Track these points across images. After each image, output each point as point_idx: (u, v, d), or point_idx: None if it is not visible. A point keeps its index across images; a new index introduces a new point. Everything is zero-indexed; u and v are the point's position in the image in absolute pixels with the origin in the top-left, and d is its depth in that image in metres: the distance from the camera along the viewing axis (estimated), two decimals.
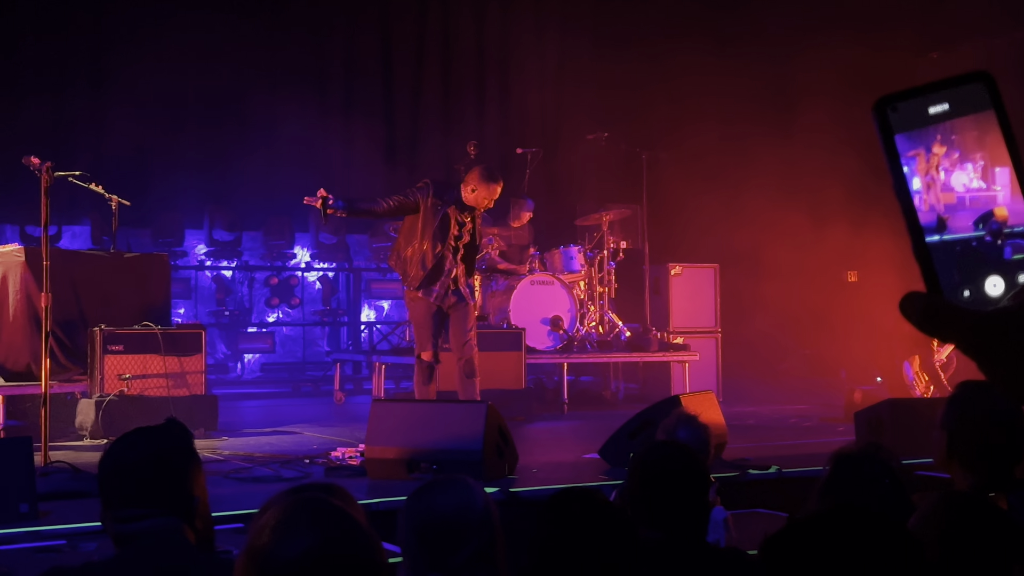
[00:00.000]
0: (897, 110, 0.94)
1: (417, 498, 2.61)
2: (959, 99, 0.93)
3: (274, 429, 8.84)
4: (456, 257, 7.72)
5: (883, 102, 0.94)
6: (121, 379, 8.12)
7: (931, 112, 0.93)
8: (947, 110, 0.93)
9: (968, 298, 0.90)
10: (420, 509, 2.56)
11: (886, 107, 0.94)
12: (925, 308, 0.89)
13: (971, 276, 0.90)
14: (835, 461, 3.06)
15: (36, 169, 6.65)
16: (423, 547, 2.51)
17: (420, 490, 2.65)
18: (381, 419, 6.29)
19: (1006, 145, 0.92)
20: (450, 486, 2.62)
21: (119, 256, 9.08)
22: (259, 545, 1.61)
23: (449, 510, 2.53)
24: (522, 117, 14.18)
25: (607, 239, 11.35)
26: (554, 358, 10.55)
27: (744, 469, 6.30)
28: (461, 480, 2.65)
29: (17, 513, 4.92)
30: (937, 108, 0.93)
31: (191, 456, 2.58)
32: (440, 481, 2.67)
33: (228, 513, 4.92)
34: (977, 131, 0.93)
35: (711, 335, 11.58)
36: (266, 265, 13.47)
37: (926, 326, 0.89)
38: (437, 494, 2.58)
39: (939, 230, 0.92)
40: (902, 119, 0.94)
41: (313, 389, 12.78)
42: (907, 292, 0.91)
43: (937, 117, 0.93)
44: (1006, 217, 0.91)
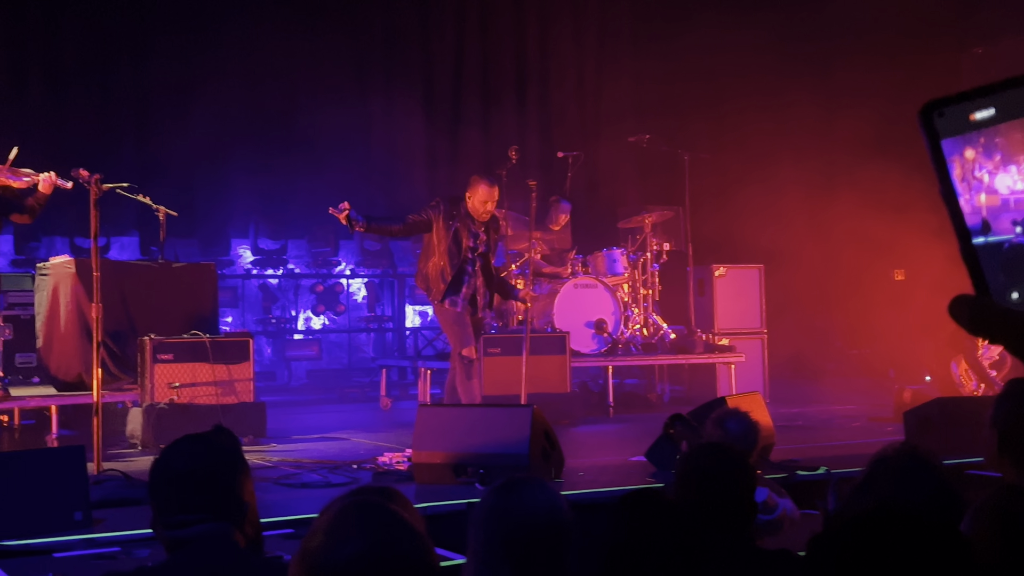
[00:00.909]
0: (944, 115, 0.94)
1: (502, 500, 2.48)
2: (1006, 103, 0.92)
3: (322, 435, 8.90)
4: (475, 268, 8.10)
5: (929, 107, 0.94)
6: (171, 387, 8.21)
7: (977, 117, 0.93)
8: (993, 115, 0.93)
9: (1017, 300, 0.90)
10: (507, 513, 2.45)
11: (932, 112, 0.94)
12: (974, 310, 0.90)
13: (1018, 277, 0.90)
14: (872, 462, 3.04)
15: (85, 182, 6.74)
16: (509, 554, 2.41)
17: (500, 490, 2.53)
18: (427, 424, 6.32)
19: None
20: (534, 487, 2.52)
21: (167, 266, 9.19)
22: (311, 548, 1.64)
23: (540, 514, 2.43)
24: (563, 121, 14.19)
25: (650, 241, 11.33)
26: (599, 361, 10.55)
27: (792, 470, 6.26)
28: (538, 480, 2.58)
29: (72, 521, 4.99)
30: (984, 113, 0.93)
31: (239, 462, 2.61)
32: (519, 481, 2.56)
33: (277, 519, 4.98)
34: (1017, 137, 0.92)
35: (757, 336, 11.51)
36: (311, 273, 13.57)
37: (975, 328, 0.90)
38: (524, 496, 2.47)
39: (984, 232, 0.92)
40: (948, 124, 0.94)
41: (359, 395, 12.85)
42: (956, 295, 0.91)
43: (984, 122, 0.93)
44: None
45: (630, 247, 11.40)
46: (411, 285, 14.05)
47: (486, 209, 8.05)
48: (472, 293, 8.17)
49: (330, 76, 13.37)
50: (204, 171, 12.71)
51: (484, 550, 2.46)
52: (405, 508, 2.03)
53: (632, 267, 11.10)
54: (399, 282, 14.08)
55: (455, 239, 8.03)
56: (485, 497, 2.55)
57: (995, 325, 0.89)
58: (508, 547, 2.41)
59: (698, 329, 11.34)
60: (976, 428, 3.81)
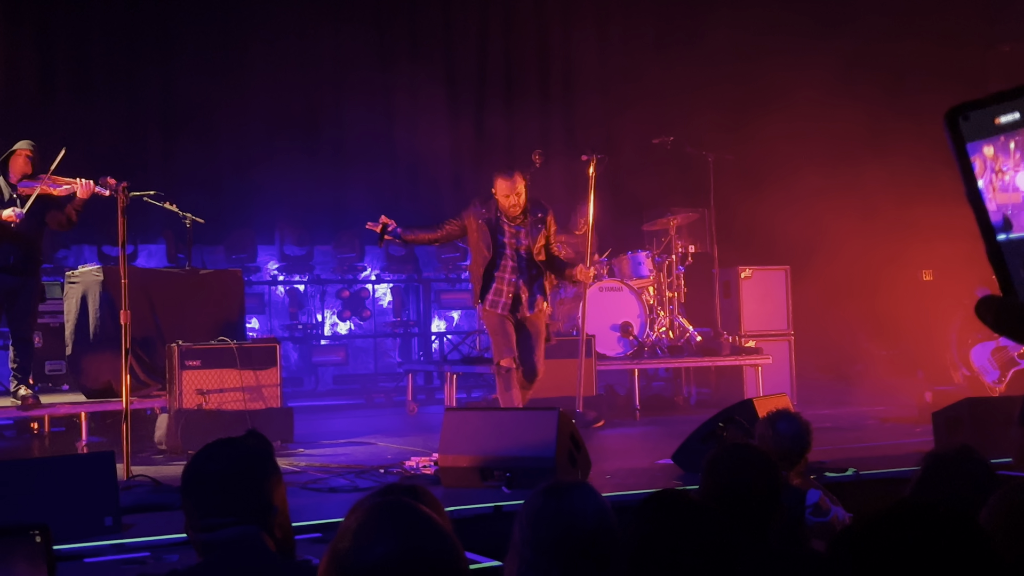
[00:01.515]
0: (968, 119, 0.94)
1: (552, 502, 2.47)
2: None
3: (349, 440, 8.93)
4: (515, 265, 7.85)
5: (955, 112, 0.95)
6: (199, 394, 8.25)
7: (1002, 121, 0.94)
8: (1018, 119, 0.93)
9: None
10: (558, 516, 2.43)
11: (958, 116, 0.95)
12: (1000, 310, 0.91)
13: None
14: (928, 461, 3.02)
15: (112, 190, 6.81)
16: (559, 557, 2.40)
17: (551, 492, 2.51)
18: (454, 428, 6.33)
19: None
20: (584, 491, 2.51)
21: (194, 273, 9.25)
22: (340, 549, 1.64)
23: (591, 519, 2.42)
24: (586, 124, 14.17)
25: (675, 243, 11.31)
26: (625, 364, 10.53)
27: (821, 472, 6.23)
28: (586, 485, 2.57)
29: (102, 526, 5.04)
30: (1008, 117, 0.94)
31: (271, 466, 2.63)
32: (569, 484, 2.55)
33: (306, 523, 4.99)
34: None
35: (784, 338, 11.47)
36: (337, 278, 13.61)
37: (1000, 327, 0.91)
38: (575, 500, 2.46)
39: (1005, 229, 0.93)
40: (973, 128, 0.94)
41: (386, 400, 12.88)
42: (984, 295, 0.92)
43: (1008, 126, 0.94)
44: None
45: (655, 249, 11.38)
46: (436, 290, 14.08)
47: (511, 203, 7.82)
48: (513, 292, 7.91)
49: (354, 82, 13.41)
50: (230, 178, 12.78)
51: (532, 552, 2.45)
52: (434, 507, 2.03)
53: (657, 269, 11.08)
54: (424, 287, 14.11)
55: (487, 238, 7.87)
56: (533, 499, 2.54)
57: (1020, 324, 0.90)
58: (559, 550, 2.41)
59: (724, 331, 11.30)
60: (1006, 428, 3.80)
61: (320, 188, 13.02)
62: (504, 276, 7.88)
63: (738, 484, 2.85)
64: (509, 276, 7.86)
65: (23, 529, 2.97)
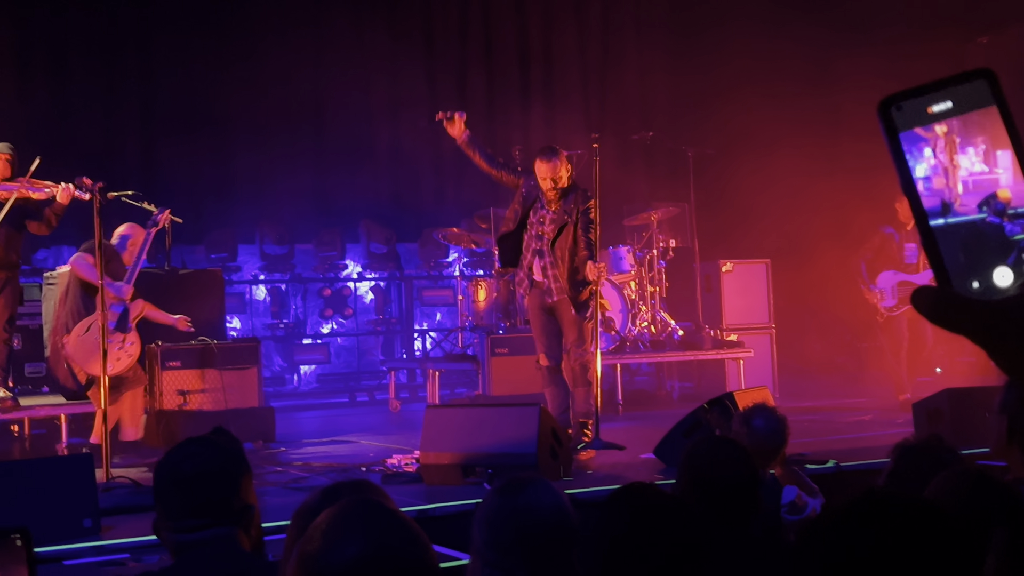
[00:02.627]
0: (902, 109, 0.96)
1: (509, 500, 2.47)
2: (962, 97, 0.95)
3: (331, 439, 8.91)
4: (541, 248, 7.41)
5: (888, 102, 0.96)
6: (179, 394, 8.22)
7: (935, 110, 0.95)
8: (950, 108, 0.95)
9: (977, 289, 0.91)
10: (516, 513, 2.44)
11: (891, 106, 0.96)
12: (935, 301, 0.91)
13: (978, 262, 0.92)
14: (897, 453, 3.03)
15: (88, 190, 6.77)
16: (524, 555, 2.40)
17: (506, 491, 2.51)
18: (435, 425, 6.32)
19: (1011, 140, 0.93)
20: (539, 486, 2.51)
21: (173, 273, 9.21)
22: (309, 550, 1.62)
23: (549, 513, 2.43)
24: (566, 120, 14.17)
25: (656, 238, 11.31)
26: (607, 359, 10.51)
27: (802, 464, 6.24)
28: (540, 479, 2.57)
29: (81, 528, 5.01)
30: (940, 106, 0.95)
31: (243, 464, 2.62)
32: (523, 481, 2.55)
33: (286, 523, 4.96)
34: (979, 126, 0.94)
35: (765, 331, 11.49)
36: (318, 277, 13.58)
37: (936, 318, 0.91)
38: (531, 496, 2.47)
39: (944, 214, 0.94)
40: (906, 117, 0.96)
41: (369, 398, 12.86)
42: (921, 286, 0.92)
43: (940, 115, 0.95)
44: (1009, 198, 0.93)
45: (636, 244, 11.39)
46: (419, 287, 14.05)
47: (547, 186, 7.33)
48: (528, 275, 7.48)
49: (334, 81, 13.36)
50: (209, 177, 12.73)
51: (494, 552, 2.45)
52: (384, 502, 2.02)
53: (639, 264, 11.08)
54: (406, 284, 14.08)
55: (525, 214, 7.46)
56: (490, 498, 2.54)
57: (956, 315, 0.91)
58: (522, 548, 2.41)
59: (706, 325, 11.32)
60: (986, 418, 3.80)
61: (301, 186, 12.98)
62: (526, 256, 7.50)
63: (715, 477, 2.85)
64: (530, 257, 7.47)
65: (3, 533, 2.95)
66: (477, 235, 11.54)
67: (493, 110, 14.19)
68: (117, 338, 7.62)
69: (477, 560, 2.51)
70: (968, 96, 0.94)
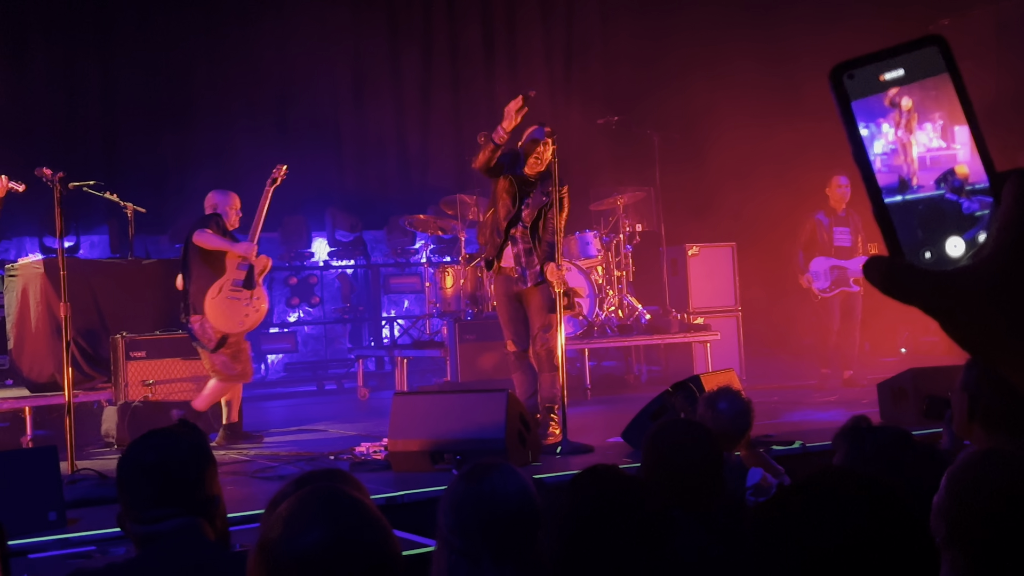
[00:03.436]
0: (853, 77, 0.95)
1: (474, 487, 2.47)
2: (914, 64, 0.94)
3: (299, 428, 8.88)
4: (516, 235, 7.30)
5: (839, 69, 0.96)
6: (145, 385, 8.17)
7: (887, 78, 0.95)
8: (902, 75, 0.95)
9: (929, 259, 0.91)
10: (481, 499, 2.44)
11: (842, 74, 0.95)
12: (886, 271, 0.91)
13: (933, 236, 0.92)
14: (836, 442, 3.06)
15: (49, 180, 6.69)
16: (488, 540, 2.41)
17: (471, 478, 2.51)
18: (403, 412, 6.31)
19: (962, 108, 0.93)
20: (504, 472, 2.52)
21: (137, 263, 9.13)
22: (272, 537, 1.62)
23: (514, 498, 2.43)
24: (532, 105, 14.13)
25: (622, 223, 11.33)
26: (575, 344, 10.53)
27: (768, 445, 6.29)
28: (504, 464, 2.58)
29: (46, 521, 4.97)
30: (892, 74, 0.95)
31: (207, 455, 2.60)
32: (487, 466, 2.56)
33: (254, 512, 4.95)
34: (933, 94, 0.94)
35: (732, 314, 11.54)
36: (284, 265, 13.51)
37: (888, 288, 0.91)
38: (496, 481, 2.47)
39: (901, 190, 0.93)
40: (858, 86, 0.95)
41: (337, 387, 12.83)
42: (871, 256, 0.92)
43: (893, 82, 0.95)
44: (967, 174, 0.93)
45: (603, 229, 11.40)
46: (385, 275, 14.01)
47: (535, 168, 7.24)
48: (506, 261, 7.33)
49: (298, 68, 13.28)
50: (173, 167, 12.63)
51: (460, 538, 2.45)
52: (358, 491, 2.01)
53: (605, 249, 11.09)
54: (373, 272, 14.04)
55: (509, 197, 7.28)
56: (455, 485, 2.55)
57: (907, 285, 0.90)
58: (486, 533, 2.41)
59: (673, 309, 11.36)
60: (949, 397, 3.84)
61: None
62: (506, 243, 7.34)
63: (679, 460, 2.86)
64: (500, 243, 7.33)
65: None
66: (444, 221, 11.51)
67: (458, 97, 14.16)
68: (245, 295, 7.87)
69: (443, 546, 2.51)
70: (920, 63, 0.94)
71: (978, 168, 0.92)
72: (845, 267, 10.12)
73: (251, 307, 7.89)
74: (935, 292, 0.89)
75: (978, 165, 0.93)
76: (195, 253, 7.92)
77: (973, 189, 0.92)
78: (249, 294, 7.89)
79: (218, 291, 7.82)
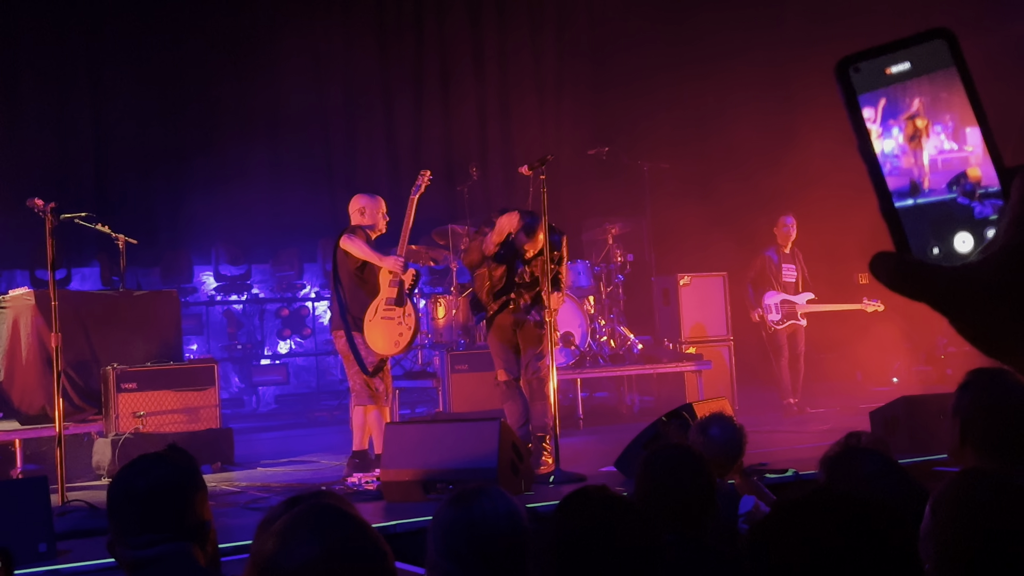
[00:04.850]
0: (859, 70, 0.94)
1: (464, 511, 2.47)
2: (921, 57, 0.93)
3: (290, 459, 8.85)
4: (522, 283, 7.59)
5: (845, 62, 0.95)
6: (136, 417, 8.13)
7: (893, 71, 0.94)
8: (909, 69, 0.94)
9: (938, 255, 0.90)
10: (472, 524, 2.43)
11: (848, 68, 0.95)
12: (895, 267, 0.90)
13: (943, 235, 0.91)
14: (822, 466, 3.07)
15: (40, 211, 6.69)
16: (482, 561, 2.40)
17: (459, 502, 2.51)
18: (395, 442, 6.30)
19: (970, 103, 0.92)
20: (492, 495, 2.52)
21: (128, 295, 9.12)
22: (266, 553, 1.61)
23: (504, 521, 2.43)
24: (522, 136, 14.21)
25: (613, 253, 11.35)
26: (567, 374, 10.51)
27: (761, 473, 6.28)
28: (492, 487, 2.57)
29: (36, 553, 4.94)
30: (899, 67, 0.94)
31: (199, 481, 2.59)
32: (476, 490, 2.55)
33: (244, 543, 4.92)
34: (941, 90, 0.93)
35: (724, 343, 11.54)
36: (276, 297, 13.50)
37: (896, 284, 0.90)
38: (486, 505, 2.47)
39: (913, 194, 0.93)
40: (864, 79, 0.94)
41: (328, 418, 12.76)
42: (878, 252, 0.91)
43: (899, 76, 0.94)
44: (979, 178, 0.92)
45: (594, 259, 11.42)
46: None
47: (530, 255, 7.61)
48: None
49: (290, 103, 13.33)
50: (164, 199, 12.65)
51: (453, 563, 2.44)
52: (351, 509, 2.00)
53: (597, 279, 11.11)
54: None
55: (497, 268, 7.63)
56: (443, 510, 2.54)
57: (916, 281, 0.89)
58: (478, 556, 2.40)
59: (665, 339, 11.36)
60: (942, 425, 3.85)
61: (256, 206, 12.91)
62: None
63: (671, 484, 2.86)
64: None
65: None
66: (435, 252, 11.51)
67: (450, 129, 14.21)
68: (397, 313, 7.37)
69: (433, 573, 2.49)
70: (927, 56, 0.93)
71: (990, 172, 0.92)
72: (794, 301, 10.73)
73: (404, 326, 7.36)
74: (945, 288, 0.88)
75: (990, 168, 0.92)
76: (346, 266, 7.52)
77: (986, 193, 0.91)
78: (400, 311, 7.38)
79: (374, 312, 7.40)
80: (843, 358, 12.80)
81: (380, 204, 7.77)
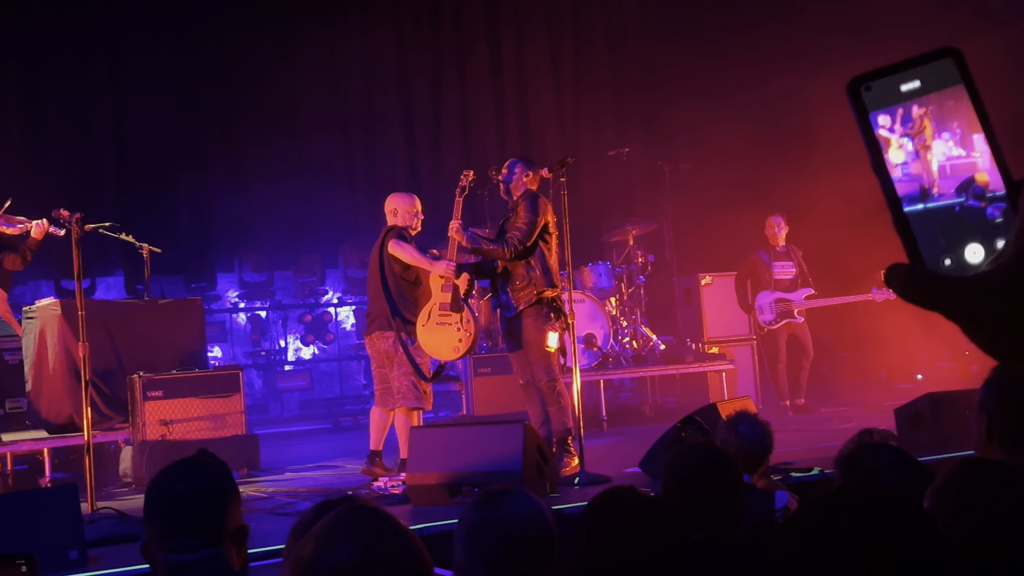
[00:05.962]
0: (871, 89, 0.97)
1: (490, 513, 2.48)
2: (930, 75, 0.96)
3: (316, 464, 8.88)
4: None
5: (856, 82, 0.97)
6: (162, 424, 8.18)
7: (903, 89, 0.96)
8: (919, 87, 0.96)
9: (949, 266, 0.93)
10: (498, 524, 2.44)
11: (860, 87, 0.97)
12: (907, 278, 0.92)
13: (954, 243, 0.93)
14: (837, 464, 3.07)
15: (66, 221, 6.75)
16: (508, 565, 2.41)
17: (485, 504, 2.52)
18: (420, 446, 6.32)
19: (979, 118, 0.95)
20: (518, 496, 2.53)
21: (153, 303, 9.17)
22: (303, 555, 1.64)
23: (530, 522, 2.44)
24: (541, 138, 14.21)
25: (634, 253, 11.35)
26: (590, 376, 10.52)
27: (787, 472, 6.28)
28: (517, 488, 2.59)
29: (67, 560, 4.98)
30: (909, 85, 0.96)
31: (232, 485, 2.62)
32: (501, 492, 2.57)
33: (273, 548, 4.97)
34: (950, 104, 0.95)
35: (747, 343, 11.51)
36: (299, 303, 13.56)
37: (910, 295, 0.92)
38: (511, 506, 2.48)
39: (922, 199, 0.95)
40: (876, 98, 0.97)
41: (353, 423, 12.82)
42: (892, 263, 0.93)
43: (910, 94, 0.96)
44: (987, 182, 0.94)
45: (616, 260, 11.42)
46: None
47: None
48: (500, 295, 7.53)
49: (310, 107, 13.39)
50: (187, 207, 12.72)
51: (480, 565, 2.46)
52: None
53: (619, 280, 11.11)
54: None
55: None
56: (469, 512, 2.55)
57: (928, 291, 0.91)
58: (506, 556, 2.42)
59: (687, 339, 11.35)
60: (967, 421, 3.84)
61: (279, 212, 12.96)
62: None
63: (698, 483, 2.87)
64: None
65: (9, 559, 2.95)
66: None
67: (468, 130, 14.23)
68: (454, 319, 7.25)
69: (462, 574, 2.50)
70: (936, 75, 0.96)
71: (998, 175, 0.94)
72: (789, 299, 10.67)
73: (463, 331, 7.21)
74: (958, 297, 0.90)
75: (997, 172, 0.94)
76: (392, 269, 7.44)
77: (994, 196, 0.93)
78: (458, 318, 7.23)
79: (427, 317, 7.28)
80: (867, 356, 12.76)
81: (415, 203, 7.77)
